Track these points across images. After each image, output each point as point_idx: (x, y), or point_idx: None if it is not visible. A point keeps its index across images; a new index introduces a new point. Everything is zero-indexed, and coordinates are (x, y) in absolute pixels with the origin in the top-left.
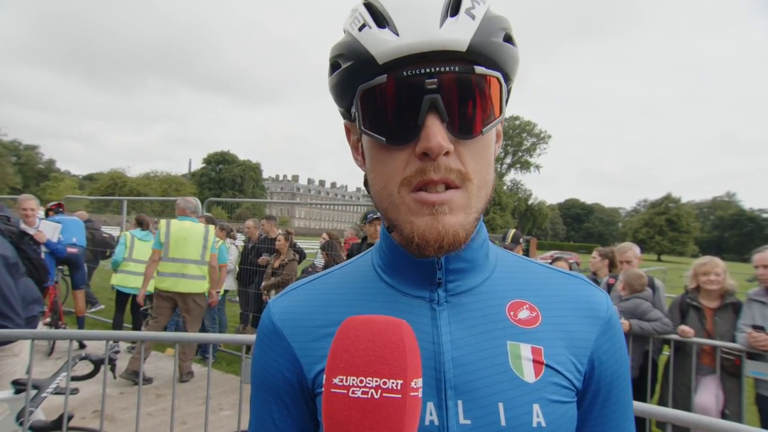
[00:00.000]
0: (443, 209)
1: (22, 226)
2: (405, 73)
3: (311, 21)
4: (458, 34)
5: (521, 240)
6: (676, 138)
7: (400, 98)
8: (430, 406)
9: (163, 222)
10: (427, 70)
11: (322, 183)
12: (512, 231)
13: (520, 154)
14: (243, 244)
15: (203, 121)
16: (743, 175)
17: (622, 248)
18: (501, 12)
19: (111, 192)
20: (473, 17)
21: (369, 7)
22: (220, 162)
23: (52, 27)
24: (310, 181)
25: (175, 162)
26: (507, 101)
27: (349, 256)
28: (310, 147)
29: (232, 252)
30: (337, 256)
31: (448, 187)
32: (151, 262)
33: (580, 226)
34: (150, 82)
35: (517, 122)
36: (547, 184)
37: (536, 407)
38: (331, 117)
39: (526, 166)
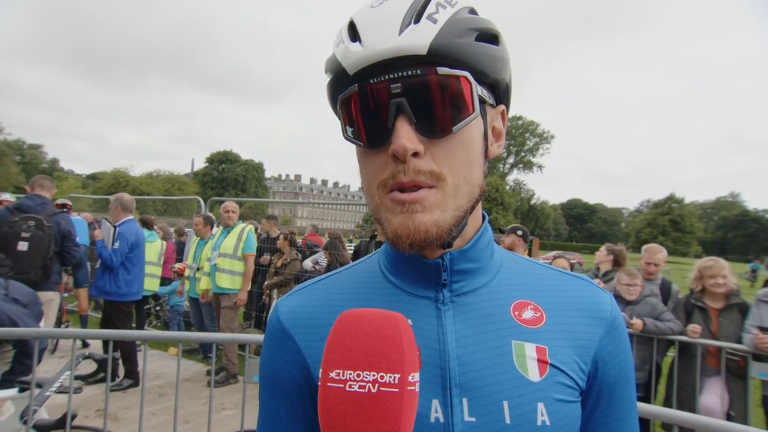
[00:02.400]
0: (415, 207)
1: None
2: (372, 81)
3: (314, 19)
4: (417, 39)
5: (519, 232)
6: (680, 137)
7: (372, 105)
8: (435, 403)
9: (252, 227)
10: (391, 76)
11: (324, 182)
12: (512, 225)
13: (523, 154)
14: None
15: (205, 120)
16: (748, 175)
17: (652, 249)
18: (503, 10)
19: (114, 191)
20: (435, 21)
21: (350, 24)
22: (222, 161)
23: (54, 25)
24: (312, 180)
25: (178, 161)
26: (508, 98)
27: (355, 255)
28: (313, 146)
29: None
30: (339, 256)
31: (421, 187)
32: (252, 265)
33: (583, 227)
34: (152, 81)
35: (520, 122)
36: (549, 184)
37: (541, 406)
38: (334, 117)
39: (528, 166)
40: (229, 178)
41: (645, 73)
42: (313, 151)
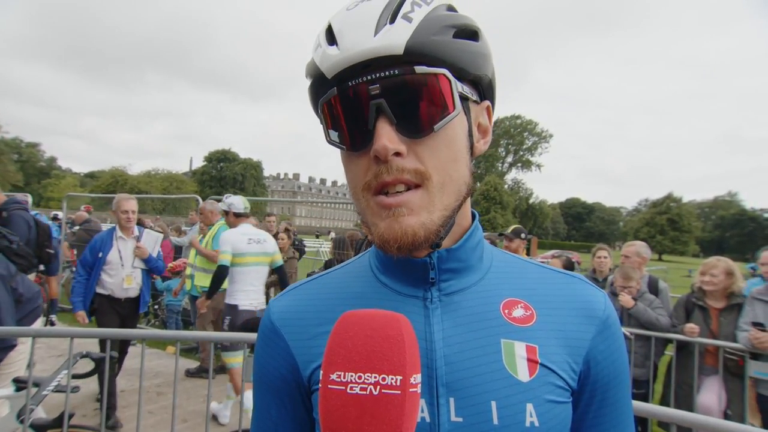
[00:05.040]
0: (401, 211)
1: (118, 233)
2: (350, 83)
3: (312, 17)
4: (393, 39)
5: (523, 235)
6: (679, 136)
7: (351, 107)
8: (422, 403)
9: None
10: (370, 77)
11: (323, 181)
12: (514, 226)
13: (521, 153)
14: None
15: (203, 118)
16: (745, 174)
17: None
18: (503, 7)
19: (112, 190)
20: (410, 20)
21: (328, 27)
22: (221, 160)
23: (48, 21)
24: (311, 179)
25: (176, 159)
26: (492, 93)
27: (357, 252)
28: (311, 145)
29: None
30: (342, 254)
31: (408, 187)
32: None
33: (582, 226)
34: (149, 78)
35: (519, 121)
36: (548, 183)
37: (530, 406)
38: None
39: (527, 165)
40: (227, 177)
41: (643, 71)
42: (311, 149)
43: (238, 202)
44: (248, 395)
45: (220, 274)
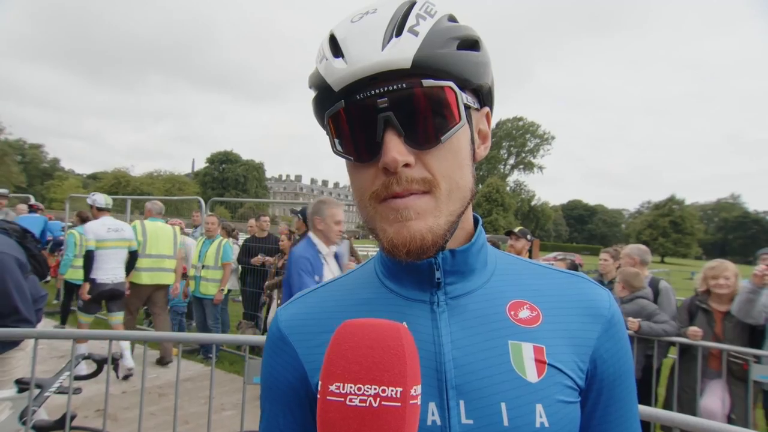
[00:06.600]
0: (408, 214)
1: (324, 250)
2: (358, 97)
3: (314, 18)
4: (400, 53)
5: (528, 236)
6: (682, 138)
7: (359, 119)
8: (432, 406)
9: (137, 223)
10: (378, 91)
11: (325, 183)
12: (520, 227)
13: (523, 155)
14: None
15: (206, 119)
16: (749, 176)
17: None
18: (506, 8)
19: (115, 191)
20: (416, 34)
21: (331, 39)
22: (223, 161)
23: (51, 22)
24: (313, 180)
25: (178, 161)
26: (491, 100)
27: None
28: (313, 147)
29: (235, 251)
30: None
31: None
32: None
33: (583, 228)
34: (151, 80)
35: (521, 123)
36: (550, 185)
37: (539, 407)
38: None
39: (529, 167)
40: (229, 179)
41: (646, 72)
42: (313, 151)
43: (100, 198)
44: (126, 354)
45: (87, 257)
